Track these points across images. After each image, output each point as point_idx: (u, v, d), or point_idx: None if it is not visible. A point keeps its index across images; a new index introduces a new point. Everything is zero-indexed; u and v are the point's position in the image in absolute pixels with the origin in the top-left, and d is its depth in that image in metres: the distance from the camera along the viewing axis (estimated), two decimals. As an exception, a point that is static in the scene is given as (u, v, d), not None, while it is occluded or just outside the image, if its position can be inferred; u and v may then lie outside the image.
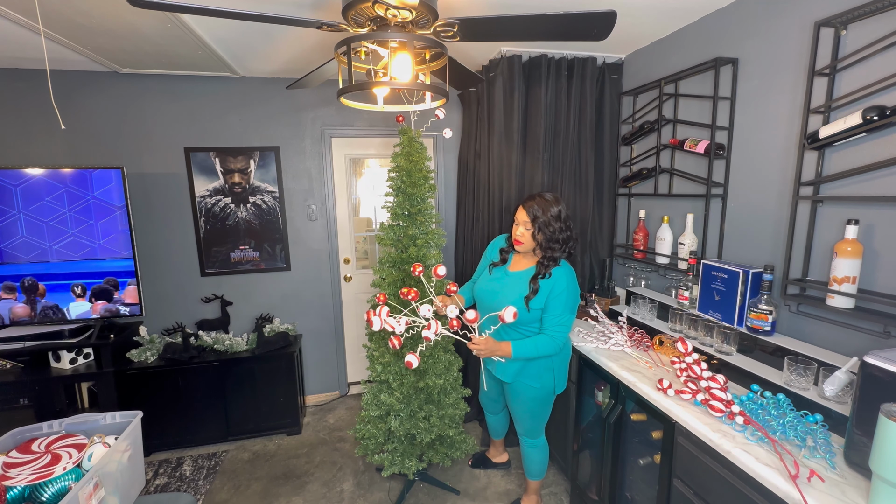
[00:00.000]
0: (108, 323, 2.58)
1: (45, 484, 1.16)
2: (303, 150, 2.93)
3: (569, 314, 1.71)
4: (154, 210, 2.75)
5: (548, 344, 1.69)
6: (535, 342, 1.69)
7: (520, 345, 1.68)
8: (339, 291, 3.14)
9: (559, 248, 1.71)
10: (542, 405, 1.88)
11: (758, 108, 1.70)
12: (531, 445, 1.97)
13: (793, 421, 1.21)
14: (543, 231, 1.70)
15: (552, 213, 1.69)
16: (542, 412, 1.90)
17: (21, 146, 2.54)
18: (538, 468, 2.01)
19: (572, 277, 1.73)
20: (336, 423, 2.94)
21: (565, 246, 1.73)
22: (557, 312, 1.69)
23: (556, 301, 1.68)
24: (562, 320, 1.69)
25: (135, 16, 1.74)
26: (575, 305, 1.73)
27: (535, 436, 1.96)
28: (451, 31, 1.37)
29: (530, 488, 2.08)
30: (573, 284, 1.72)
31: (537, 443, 1.97)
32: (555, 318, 1.69)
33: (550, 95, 2.38)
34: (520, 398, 1.86)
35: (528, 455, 2.00)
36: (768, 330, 1.58)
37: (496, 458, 2.43)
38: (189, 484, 2.34)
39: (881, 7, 1.27)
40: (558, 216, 1.70)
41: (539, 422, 1.92)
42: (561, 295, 1.68)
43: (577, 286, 1.74)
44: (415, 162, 2.05)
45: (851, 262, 1.33)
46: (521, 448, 2.02)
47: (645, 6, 1.80)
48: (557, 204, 1.72)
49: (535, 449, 1.98)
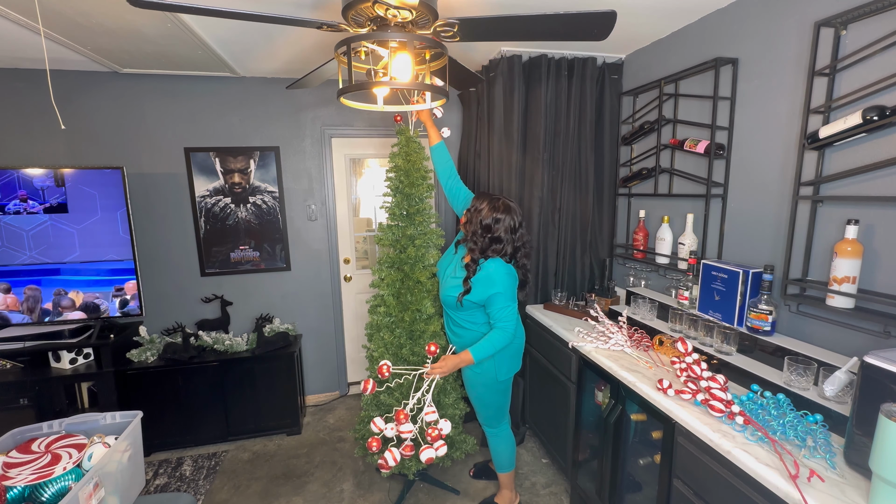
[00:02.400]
0: (108, 323, 2.58)
1: (45, 484, 1.16)
2: (303, 150, 2.93)
3: (511, 303, 1.74)
4: (154, 210, 2.75)
5: (500, 336, 1.73)
6: (489, 341, 1.73)
7: (477, 349, 1.72)
8: (339, 291, 3.14)
9: (477, 251, 1.75)
10: (489, 391, 1.90)
11: (758, 108, 1.70)
12: (492, 435, 2.00)
13: (793, 421, 1.21)
14: (470, 225, 1.77)
15: (482, 218, 1.73)
16: (492, 399, 1.92)
17: (21, 146, 2.54)
18: (503, 459, 2.02)
19: (504, 270, 1.74)
20: (336, 423, 2.94)
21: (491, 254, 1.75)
22: (500, 305, 1.72)
23: (494, 296, 1.72)
24: (505, 312, 1.73)
25: (135, 16, 1.74)
26: (514, 292, 1.77)
27: (493, 424, 1.99)
28: (451, 31, 1.37)
29: (501, 482, 2.08)
30: (505, 273, 1.74)
31: (498, 432, 1.99)
32: (499, 310, 1.73)
33: (550, 95, 2.38)
34: (469, 385, 1.95)
35: (491, 446, 2.03)
36: (768, 330, 1.58)
37: None
38: (189, 484, 2.34)
39: (881, 7, 1.27)
40: (489, 225, 1.73)
41: (492, 409, 1.95)
42: (496, 288, 1.72)
43: (509, 273, 1.75)
44: (412, 162, 2.05)
45: (851, 262, 1.33)
46: (488, 439, 2.04)
47: (645, 6, 1.80)
48: (503, 212, 1.73)
49: (496, 439, 2.00)
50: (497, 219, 1.73)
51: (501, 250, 1.75)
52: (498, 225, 1.73)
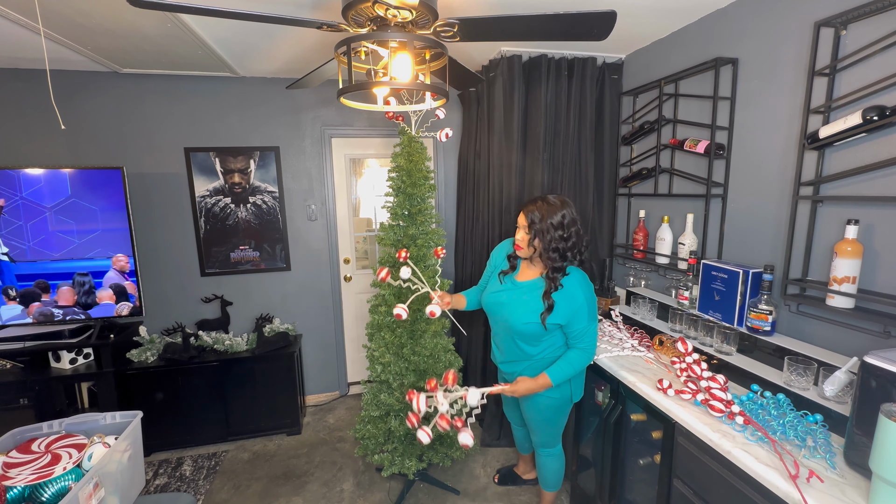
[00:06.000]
0: (108, 323, 2.58)
1: (45, 484, 1.16)
2: (303, 150, 2.93)
3: (594, 323, 1.64)
4: (154, 210, 2.75)
5: (581, 358, 1.63)
6: (569, 362, 1.62)
7: (556, 372, 1.61)
8: (339, 291, 3.14)
9: (559, 258, 1.59)
10: (559, 413, 1.80)
11: (758, 108, 1.70)
12: (547, 455, 1.91)
13: (793, 421, 1.21)
14: (541, 238, 1.59)
15: (552, 221, 1.58)
16: (559, 421, 1.83)
17: (21, 146, 2.54)
18: (554, 479, 1.95)
19: (585, 283, 1.63)
20: (336, 423, 2.94)
21: (569, 254, 1.61)
22: (584, 325, 1.61)
23: (578, 314, 1.60)
24: (589, 331, 1.62)
25: (135, 16, 1.74)
26: (596, 311, 1.65)
27: (551, 445, 1.89)
28: (451, 31, 1.37)
29: (544, 499, 2.02)
30: (589, 291, 1.63)
31: (554, 451, 1.91)
32: (581, 330, 1.61)
33: (550, 95, 2.38)
34: (536, 407, 1.78)
35: (543, 465, 1.94)
36: (768, 330, 1.58)
37: (525, 474, 2.29)
38: (189, 484, 2.34)
39: (881, 7, 1.27)
40: (560, 224, 1.58)
41: (556, 430, 1.85)
42: (581, 307, 1.59)
43: (592, 290, 1.65)
44: (415, 162, 2.05)
45: (851, 262, 1.33)
46: (537, 458, 1.96)
47: (645, 6, 1.80)
48: (562, 209, 1.60)
49: (551, 458, 1.91)
50: (564, 214, 1.59)
51: (577, 247, 1.62)
52: (566, 220, 1.59)
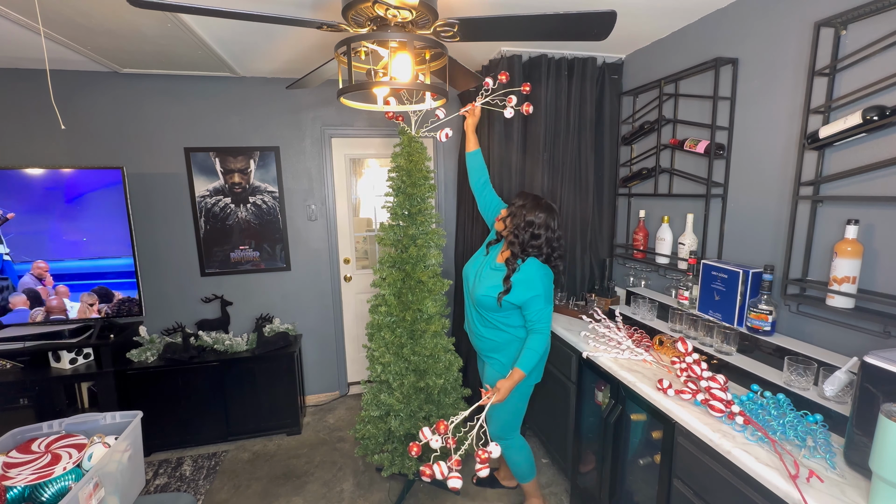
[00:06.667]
0: (108, 323, 2.58)
1: (45, 484, 1.16)
2: (303, 151, 2.93)
3: (548, 305, 1.74)
4: (154, 210, 2.75)
5: (540, 340, 1.73)
6: (531, 349, 1.72)
7: (524, 362, 1.71)
8: (339, 291, 3.14)
9: (518, 248, 1.74)
10: (523, 399, 1.89)
11: (758, 108, 1.70)
12: (507, 447, 1.92)
13: (793, 421, 1.21)
14: (512, 220, 1.75)
15: (528, 215, 1.73)
16: (522, 406, 1.91)
17: (21, 146, 2.54)
18: (524, 469, 1.97)
19: (540, 268, 1.74)
20: (336, 423, 2.94)
21: (530, 250, 1.74)
22: (538, 307, 1.72)
23: (534, 299, 1.71)
24: (544, 314, 1.73)
25: (135, 16, 1.74)
26: (551, 295, 1.76)
27: (508, 435, 1.93)
28: (451, 31, 1.37)
29: (526, 492, 2.05)
30: (544, 275, 1.73)
31: (513, 443, 1.93)
32: (536, 313, 1.72)
33: (550, 95, 2.38)
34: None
35: (508, 458, 1.96)
36: (768, 330, 1.58)
37: (505, 481, 2.28)
38: (189, 484, 2.34)
39: (881, 7, 1.27)
40: (532, 221, 1.72)
41: (515, 418, 1.92)
42: (536, 290, 1.71)
43: (548, 275, 1.75)
44: (415, 162, 2.05)
45: (851, 262, 1.33)
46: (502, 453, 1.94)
47: (645, 6, 1.80)
48: (543, 211, 1.73)
49: (512, 450, 1.94)
50: (540, 216, 1.73)
51: (539, 248, 1.74)
52: (540, 222, 1.73)
